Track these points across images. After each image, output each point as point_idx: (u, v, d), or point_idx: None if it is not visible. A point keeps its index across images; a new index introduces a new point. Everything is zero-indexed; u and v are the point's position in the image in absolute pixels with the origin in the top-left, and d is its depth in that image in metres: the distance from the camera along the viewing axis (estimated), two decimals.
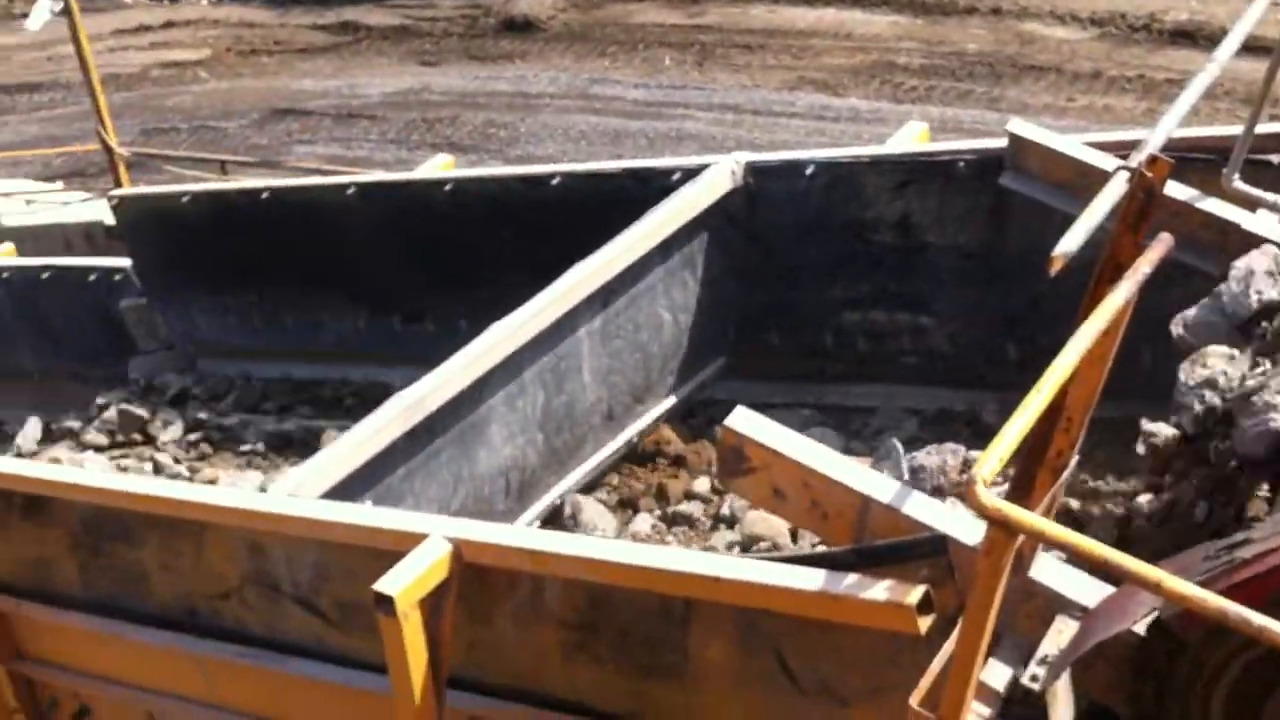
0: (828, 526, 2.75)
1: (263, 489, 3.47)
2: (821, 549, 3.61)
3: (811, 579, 2.44)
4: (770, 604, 2.47)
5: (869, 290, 4.65)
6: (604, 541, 2.72)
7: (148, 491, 3.40)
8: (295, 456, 5.46)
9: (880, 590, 2.37)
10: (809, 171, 4.54)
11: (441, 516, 2.94)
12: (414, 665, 2.82)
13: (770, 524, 4.07)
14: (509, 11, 27.50)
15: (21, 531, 3.85)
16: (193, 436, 5.85)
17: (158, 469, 5.55)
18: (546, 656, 2.93)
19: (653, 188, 4.69)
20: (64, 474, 3.62)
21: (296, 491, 3.25)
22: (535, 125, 22.80)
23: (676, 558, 2.58)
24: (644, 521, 4.34)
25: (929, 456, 4.19)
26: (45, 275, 6.59)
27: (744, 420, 2.74)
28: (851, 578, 2.41)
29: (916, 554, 2.43)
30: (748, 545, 4.05)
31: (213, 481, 5.26)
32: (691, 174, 4.65)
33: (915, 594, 2.32)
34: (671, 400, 4.72)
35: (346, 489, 3.43)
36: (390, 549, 2.91)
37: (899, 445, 4.22)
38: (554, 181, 4.99)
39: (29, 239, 15.89)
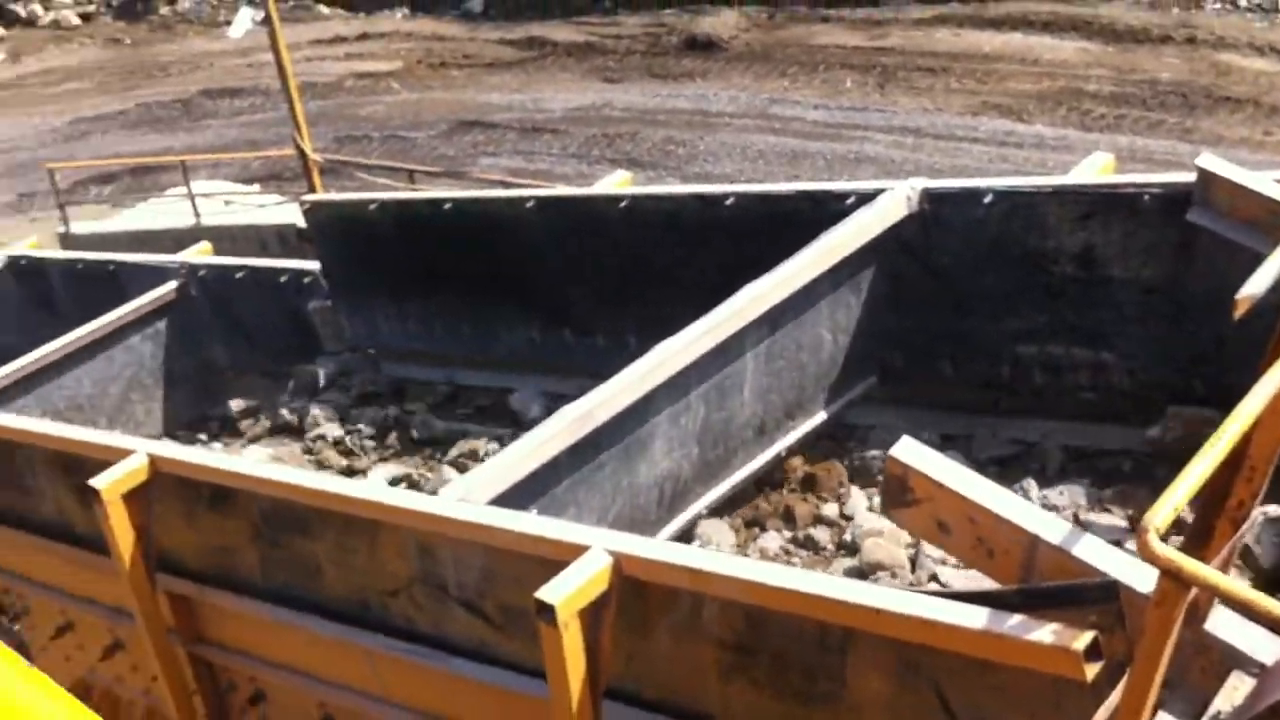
0: (993, 564, 2.72)
1: (433, 492, 3.56)
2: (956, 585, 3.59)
3: (976, 617, 2.41)
4: (932, 640, 2.44)
5: (1046, 322, 4.55)
6: (765, 565, 2.72)
7: (325, 488, 3.53)
8: (462, 460, 5.62)
9: (1046, 633, 2.33)
10: (988, 200, 4.47)
11: (603, 530, 2.99)
12: (572, 674, 2.88)
13: (889, 551, 4.07)
14: (692, 30, 27.79)
15: (207, 521, 4.04)
16: (368, 434, 6.04)
17: (320, 465, 5.76)
18: (703, 674, 2.95)
19: (827, 211, 4.67)
20: (247, 468, 3.78)
21: (466, 496, 3.34)
22: (714, 143, 22.95)
23: (838, 586, 2.57)
24: (773, 540, 4.36)
25: (1060, 496, 4.12)
26: (239, 275, 6.86)
27: (910, 451, 2.72)
28: (1017, 618, 2.37)
29: (1085, 599, 2.37)
30: (867, 573, 4.04)
31: (362, 475, 5.42)
32: (866, 198, 4.63)
33: (1083, 639, 2.28)
34: (821, 417, 4.71)
35: (514, 496, 3.51)
36: (553, 558, 2.97)
37: (1033, 483, 4.17)
38: (729, 201, 5.01)
39: (226, 238, 16.69)
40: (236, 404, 6.85)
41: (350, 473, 5.72)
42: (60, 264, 8.12)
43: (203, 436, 6.79)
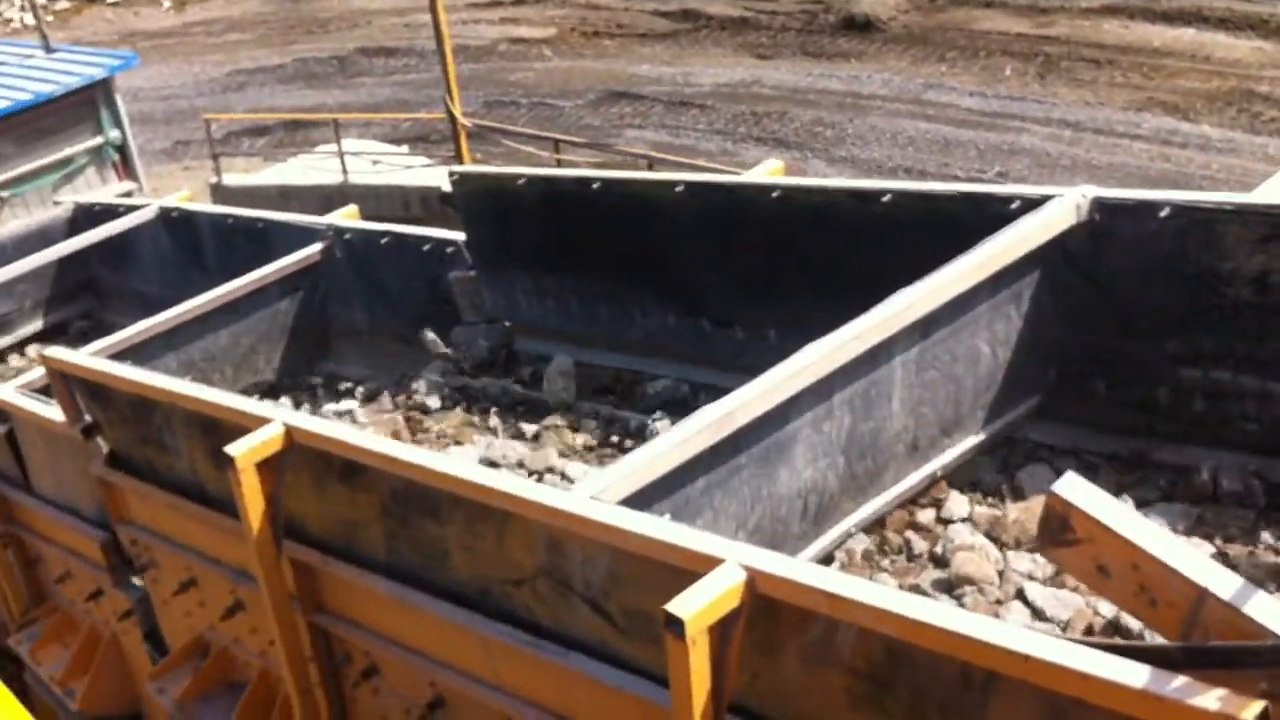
0: (1155, 614, 2.53)
1: (571, 483, 3.48)
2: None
3: (1133, 673, 2.24)
4: (1086, 694, 2.28)
5: (1214, 347, 4.29)
6: (909, 596, 2.57)
7: (457, 474, 3.47)
8: (594, 447, 5.55)
9: (1211, 698, 2.15)
10: (1163, 214, 4.22)
11: (739, 543, 2.86)
12: (696, 689, 2.78)
13: (980, 566, 3.92)
14: (849, 10, 27.28)
15: (337, 493, 4.02)
16: (492, 408, 6.01)
17: (440, 437, 5.74)
18: (832, 701, 2.82)
19: (987, 214, 4.47)
20: (380, 446, 3.73)
21: (600, 495, 3.25)
22: (863, 127, 22.54)
23: (986, 626, 2.42)
24: (860, 542, 4.22)
25: (1206, 527, 3.90)
26: (384, 240, 6.88)
27: (1074, 488, 2.55)
28: (1179, 679, 2.20)
29: (1257, 662, 2.20)
30: (955, 585, 3.89)
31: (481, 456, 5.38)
32: (1032, 204, 4.41)
33: (1252, 709, 2.10)
34: (980, 436, 4.51)
35: (647, 497, 3.41)
36: (684, 568, 2.86)
37: (1179, 511, 3.94)
38: (884, 198, 4.83)
39: (371, 197, 16.92)
40: (362, 368, 6.90)
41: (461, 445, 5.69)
42: (210, 217, 8.28)
43: (318, 383, 6.84)
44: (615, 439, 5.52)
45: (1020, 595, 3.81)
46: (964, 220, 4.51)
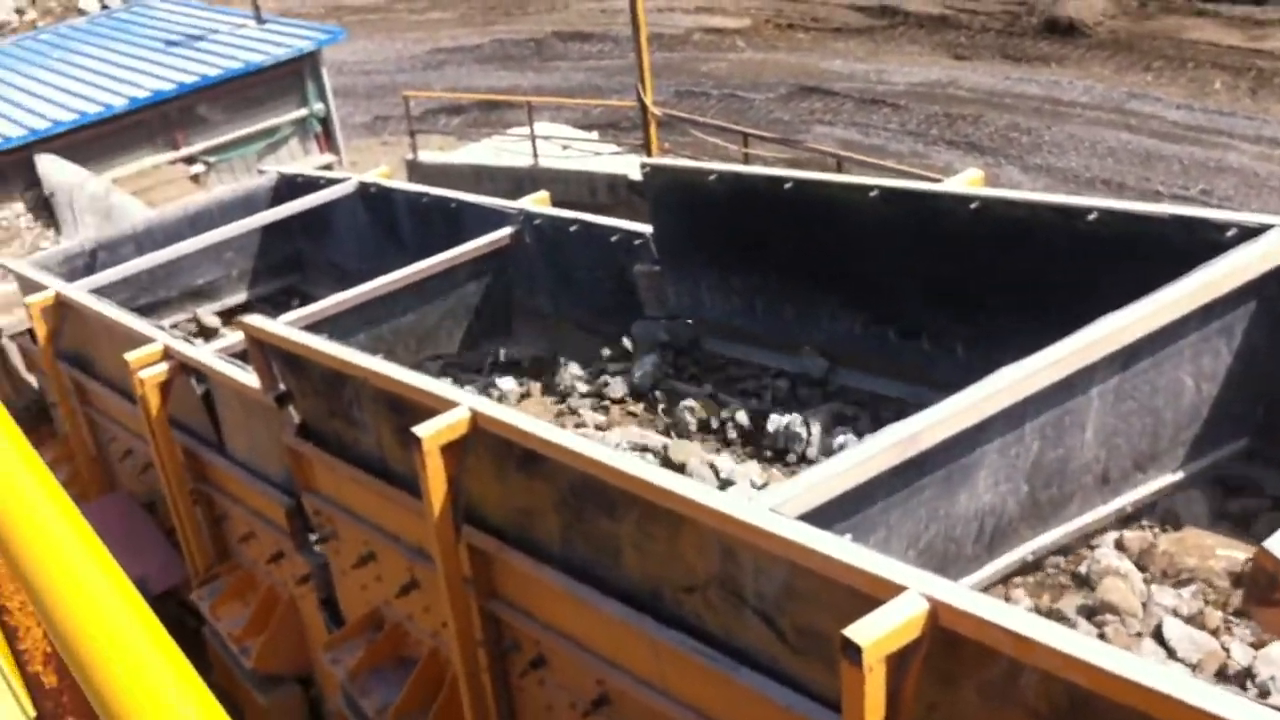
0: None
1: (758, 489, 3.44)
2: None
3: None
4: None
5: None
6: (1097, 644, 2.47)
7: (636, 473, 3.46)
8: (767, 450, 5.51)
9: None
10: None
11: (923, 572, 2.79)
12: (870, 718, 2.72)
13: (1124, 596, 3.77)
14: (1054, 12, 26.50)
15: (516, 482, 4.06)
16: (669, 404, 6.00)
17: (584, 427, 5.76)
18: None
19: (1200, 240, 4.26)
20: (563, 438, 3.74)
21: (779, 508, 3.20)
22: (1061, 135, 21.89)
23: (1180, 684, 2.31)
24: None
25: None
26: (573, 228, 6.93)
27: None
28: None
29: None
30: (1096, 612, 3.76)
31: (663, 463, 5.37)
32: (1250, 233, 4.19)
33: None
34: (1178, 474, 4.31)
35: (826, 513, 3.35)
36: (864, 592, 2.81)
37: None
38: (1090, 216, 4.65)
39: (560, 182, 17.12)
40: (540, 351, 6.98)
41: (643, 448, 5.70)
42: (406, 195, 8.46)
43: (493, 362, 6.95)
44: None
45: (1158, 630, 3.67)
46: (1174, 244, 4.32)
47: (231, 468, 6.47)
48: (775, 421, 5.59)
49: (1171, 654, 3.59)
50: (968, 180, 5.68)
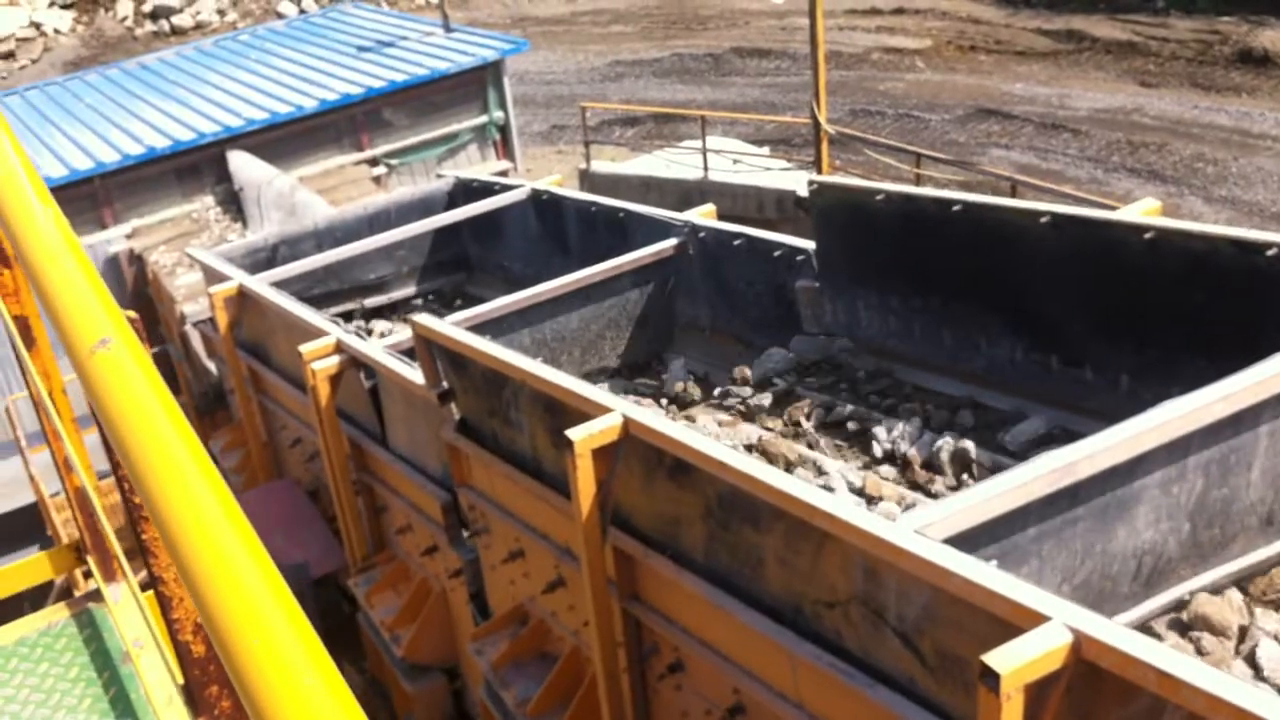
0: None
1: (899, 514, 3.42)
2: None
3: None
4: None
5: None
6: (1245, 685, 2.39)
7: (784, 488, 3.47)
8: (931, 476, 5.44)
9: None
10: None
11: (1066, 603, 2.74)
12: None
13: (1220, 610, 3.73)
14: (1249, 42, 25.60)
15: (665, 488, 4.10)
16: (819, 423, 5.97)
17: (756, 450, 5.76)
18: None
19: None
20: (713, 449, 3.78)
21: (925, 530, 3.18)
22: (1249, 167, 21.13)
23: None
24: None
25: None
26: (737, 242, 6.96)
27: None
28: None
29: None
30: (1189, 626, 3.72)
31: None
32: None
33: None
34: None
35: (974, 538, 3.31)
36: (1007, 619, 2.77)
37: None
38: (1270, 252, 4.49)
39: (728, 195, 17.17)
40: (700, 363, 7.01)
41: (788, 466, 5.68)
42: (576, 203, 8.60)
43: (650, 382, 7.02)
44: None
45: (1252, 653, 3.58)
46: None
47: (393, 460, 6.67)
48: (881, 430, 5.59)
49: (1259, 673, 3.53)
50: (1144, 209, 5.53)
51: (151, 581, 2.64)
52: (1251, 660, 3.58)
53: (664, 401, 6.68)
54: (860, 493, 5.21)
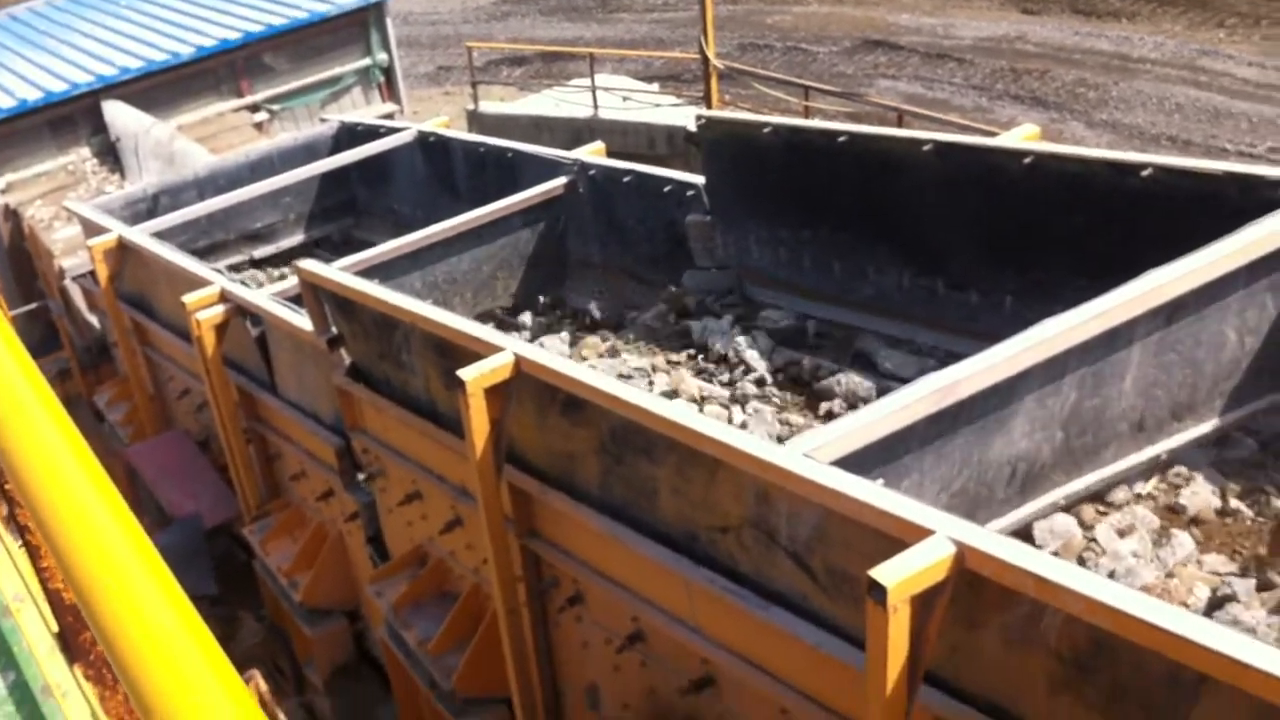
0: None
1: (781, 440, 3.48)
2: None
3: None
4: None
5: None
6: (1121, 589, 2.49)
7: (674, 418, 3.51)
8: (800, 400, 5.52)
9: None
10: None
11: (949, 516, 2.82)
12: (893, 656, 2.76)
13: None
14: None
15: (558, 425, 4.12)
16: (715, 356, 6.02)
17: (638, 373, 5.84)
18: (1030, 682, 2.77)
19: (1255, 198, 4.22)
20: (604, 383, 3.80)
21: (813, 453, 3.23)
22: (1129, 91, 21.53)
23: (1203, 629, 2.32)
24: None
25: None
26: (626, 179, 6.95)
27: None
28: None
29: None
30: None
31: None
32: None
33: None
34: (1214, 423, 4.29)
35: (861, 459, 3.38)
36: (893, 535, 2.84)
37: None
38: (1144, 172, 4.61)
39: (618, 133, 17.11)
40: (592, 300, 7.03)
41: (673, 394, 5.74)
42: (464, 144, 8.51)
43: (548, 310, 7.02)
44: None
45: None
46: (1228, 202, 4.28)
47: (284, 408, 6.60)
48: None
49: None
50: (1023, 135, 5.63)
51: (19, 531, 2.60)
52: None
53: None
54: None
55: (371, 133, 9.46)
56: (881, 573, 2.66)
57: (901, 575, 2.66)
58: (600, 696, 4.62)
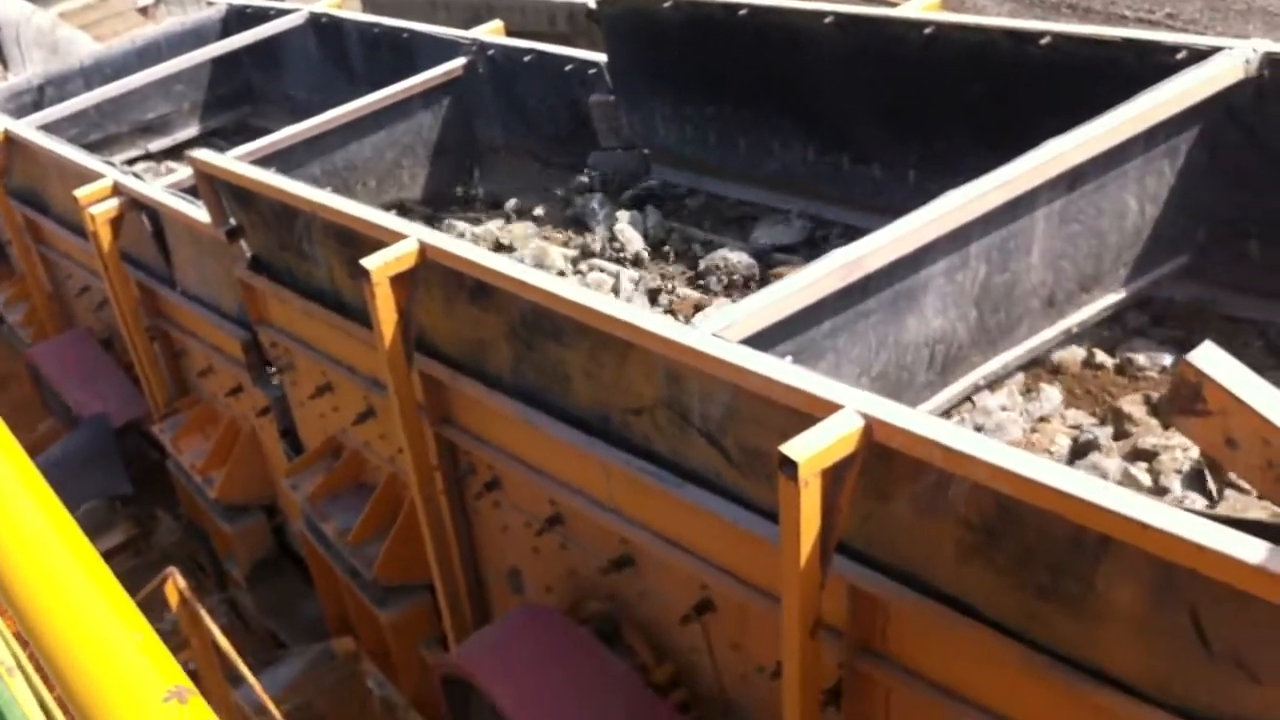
0: None
1: (689, 321, 3.49)
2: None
3: (1251, 550, 2.22)
4: (1200, 566, 2.26)
5: None
6: (1025, 455, 2.55)
7: (582, 301, 3.50)
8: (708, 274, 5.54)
9: None
10: None
11: (857, 391, 2.85)
12: (805, 529, 2.81)
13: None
14: None
15: (467, 312, 4.09)
16: (621, 236, 6.00)
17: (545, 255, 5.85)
18: (940, 549, 2.84)
19: (1151, 64, 4.26)
20: (511, 269, 3.76)
21: (722, 332, 3.25)
22: None
23: (1103, 491, 2.40)
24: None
25: None
26: (527, 58, 6.83)
27: (1208, 358, 2.47)
28: None
29: None
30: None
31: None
32: (1199, 55, 4.19)
33: None
34: (1121, 294, 4.39)
35: (770, 337, 3.40)
36: (803, 410, 2.87)
37: None
38: (1043, 41, 4.62)
39: (517, 10, 16.63)
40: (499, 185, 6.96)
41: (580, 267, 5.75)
42: (358, 25, 8.29)
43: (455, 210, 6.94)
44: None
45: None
46: (1126, 69, 4.31)
47: (186, 303, 6.48)
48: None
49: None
50: (923, 5, 5.61)
51: None
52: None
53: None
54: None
55: (261, 15, 9.17)
56: (792, 448, 2.70)
57: (811, 450, 2.69)
58: (522, 580, 4.67)
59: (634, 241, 5.84)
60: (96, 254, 6.61)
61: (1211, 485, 3.52)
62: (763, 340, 3.34)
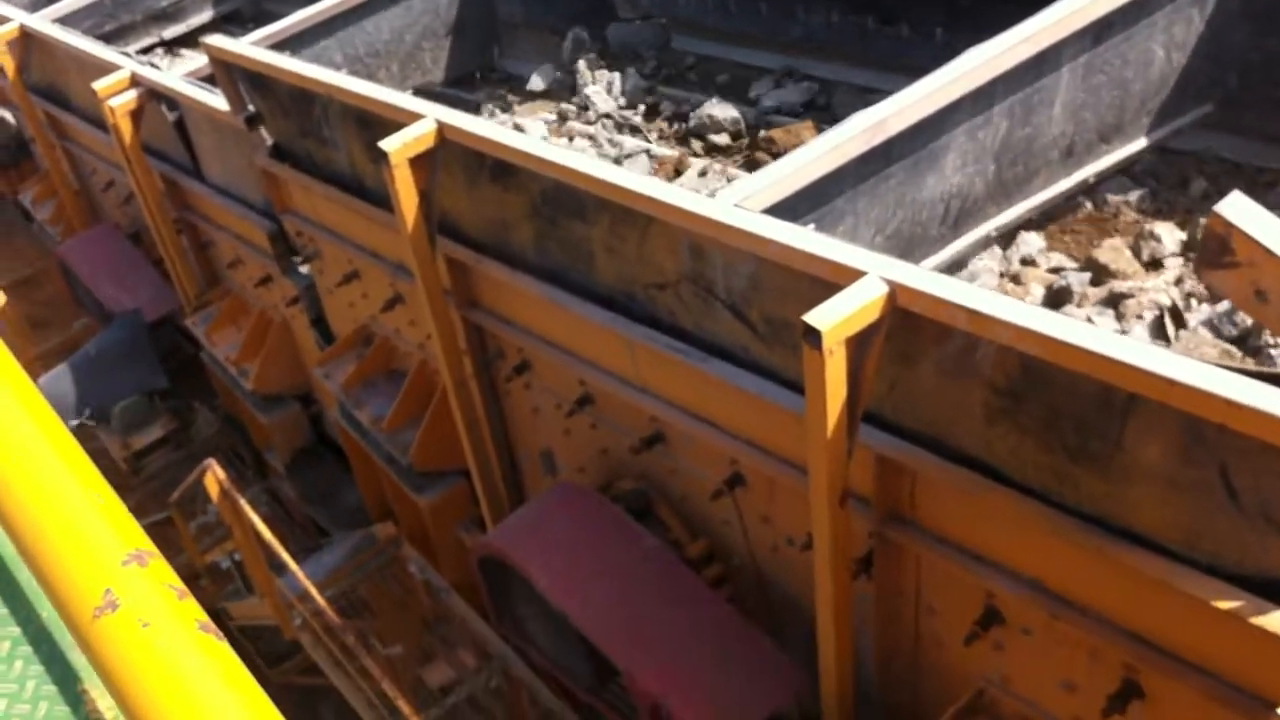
0: None
1: (711, 193, 3.43)
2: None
3: (1277, 402, 2.18)
4: (1227, 419, 2.22)
5: None
6: (1053, 316, 2.50)
7: (605, 177, 3.44)
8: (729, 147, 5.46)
9: None
10: None
11: (881, 256, 2.80)
12: (831, 399, 2.79)
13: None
14: None
15: (489, 193, 4.05)
16: (638, 110, 5.91)
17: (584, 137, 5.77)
18: (967, 413, 2.82)
19: None
20: (531, 146, 3.69)
21: (744, 203, 3.19)
22: None
23: (1132, 350, 2.35)
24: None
25: None
26: None
27: (1238, 209, 2.40)
28: None
29: None
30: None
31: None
32: None
33: None
34: (1141, 143, 4.28)
35: (793, 205, 3.35)
36: (826, 279, 2.83)
37: None
38: None
39: None
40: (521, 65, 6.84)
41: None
42: None
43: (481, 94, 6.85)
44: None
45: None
46: None
47: (211, 194, 6.45)
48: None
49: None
50: None
51: None
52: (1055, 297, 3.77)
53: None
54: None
55: None
56: (816, 317, 2.66)
57: (836, 318, 2.66)
58: (555, 461, 4.69)
59: (603, 104, 5.75)
60: (118, 147, 6.58)
61: (1171, 332, 3.51)
62: (785, 209, 3.29)
